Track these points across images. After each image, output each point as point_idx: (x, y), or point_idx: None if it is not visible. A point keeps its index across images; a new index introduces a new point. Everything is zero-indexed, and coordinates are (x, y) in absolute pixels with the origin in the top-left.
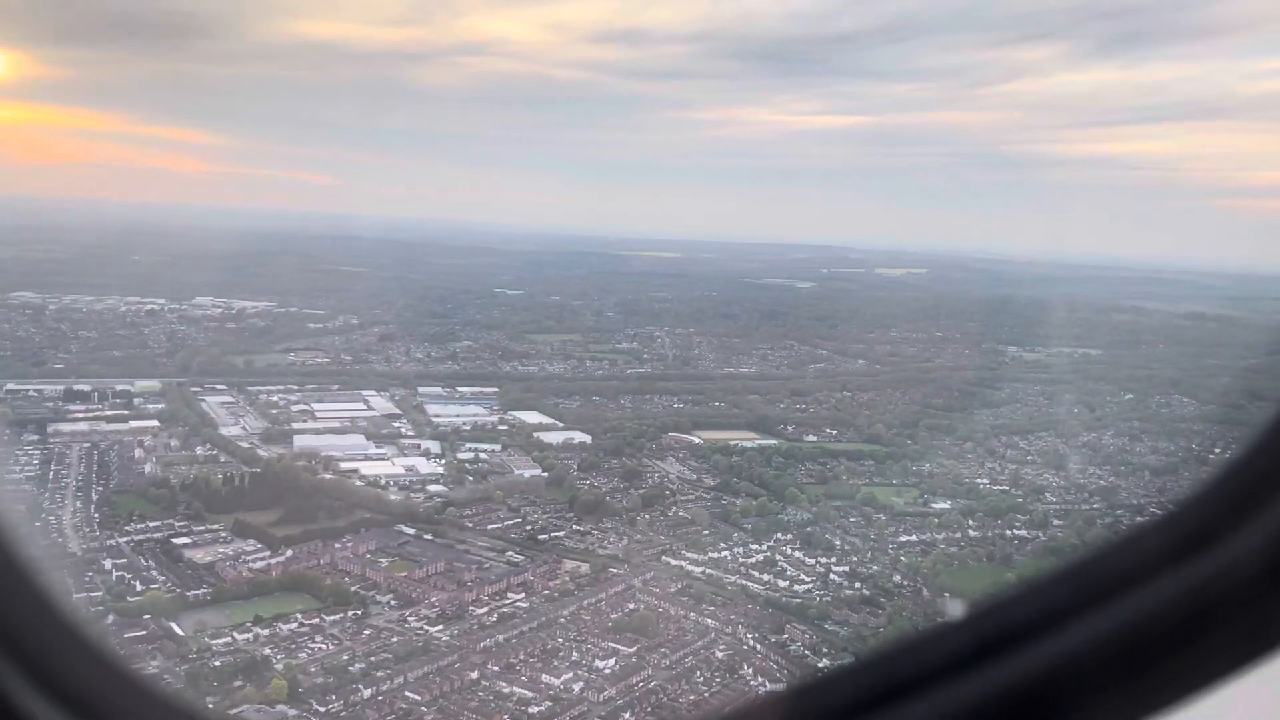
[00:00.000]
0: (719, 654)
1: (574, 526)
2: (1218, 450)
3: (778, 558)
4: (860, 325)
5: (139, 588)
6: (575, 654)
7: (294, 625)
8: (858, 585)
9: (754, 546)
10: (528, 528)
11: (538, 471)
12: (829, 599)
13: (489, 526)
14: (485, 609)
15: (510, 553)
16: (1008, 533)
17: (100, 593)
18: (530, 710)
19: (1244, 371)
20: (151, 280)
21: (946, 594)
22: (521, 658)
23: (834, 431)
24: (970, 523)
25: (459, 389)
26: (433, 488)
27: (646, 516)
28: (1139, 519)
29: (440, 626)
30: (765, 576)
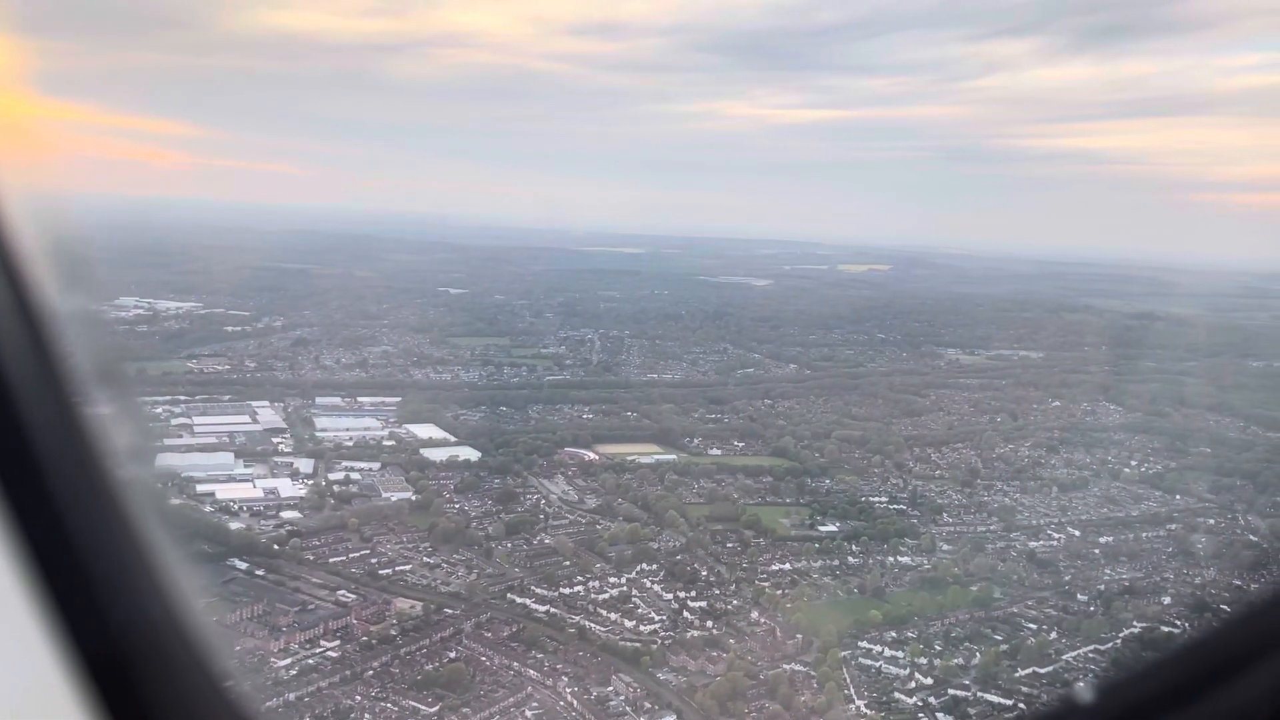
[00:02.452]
0: (528, 714)
1: (425, 559)
2: (1132, 463)
3: (634, 592)
4: (803, 326)
5: None
6: (368, 715)
7: None
8: (709, 624)
9: (613, 579)
10: (373, 560)
11: (408, 494)
12: (672, 641)
13: (331, 560)
14: (289, 660)
15: (343, 591)
16: (889, 559)
17: None
18: None
19: (1176, 375)
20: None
21: (799, 634)
22: None
23: (741, 444)
24: (853, 548)
25: (359, 399)
26: (286, 514)
27: (508, 545)
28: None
29: (229, 683)
30: (613, 615)
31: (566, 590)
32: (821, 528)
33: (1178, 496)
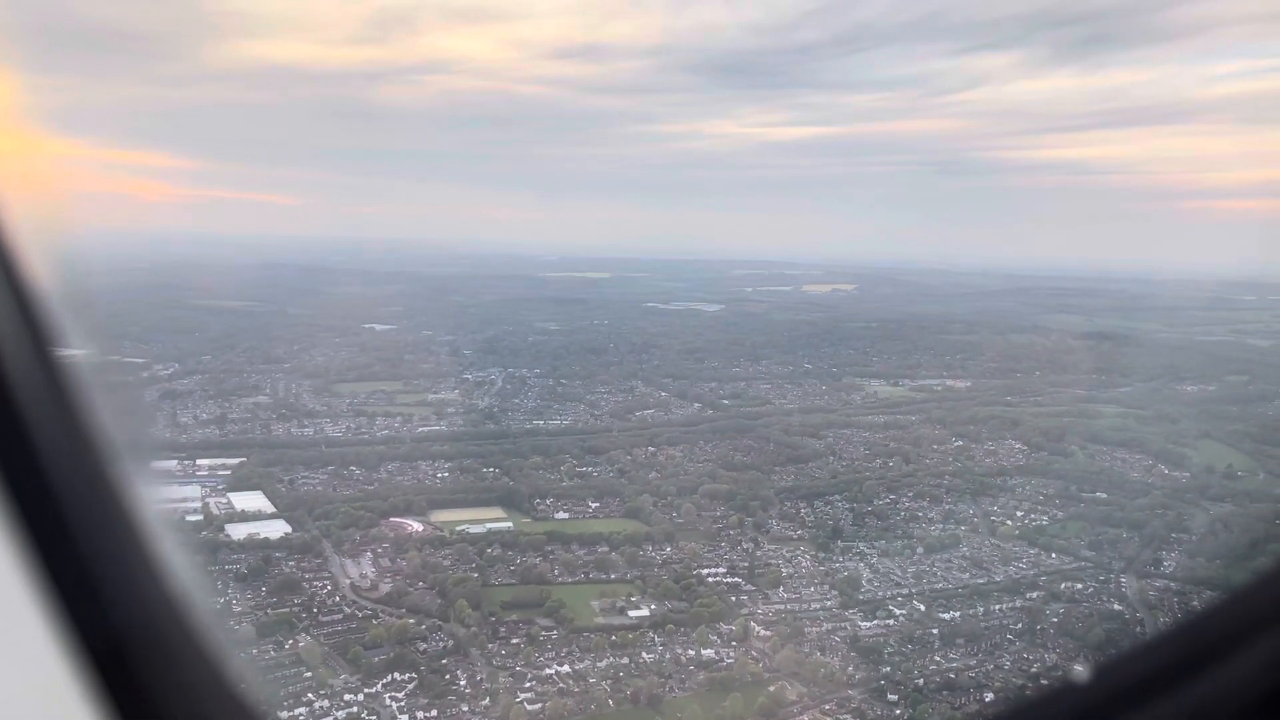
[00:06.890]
0: None
1: None
2: (1018, 514)
3: (365, 714)
4: (731, 357)
5: None
6: None
7: None
8: None
9: (349, 696)
10: None
11: None
12: None
13: None
14: None
15: None
16: (690, 652)
17: None
18: None
19: (1100, 405)
20: None
21: None
22: None
23: (596, 505)
24: (655, 639)
25: (198, 461)
26: None
27: (253, 652)
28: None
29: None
30: None
31: (285, 714)
32: (633, 612)
33: (1053, 556)
